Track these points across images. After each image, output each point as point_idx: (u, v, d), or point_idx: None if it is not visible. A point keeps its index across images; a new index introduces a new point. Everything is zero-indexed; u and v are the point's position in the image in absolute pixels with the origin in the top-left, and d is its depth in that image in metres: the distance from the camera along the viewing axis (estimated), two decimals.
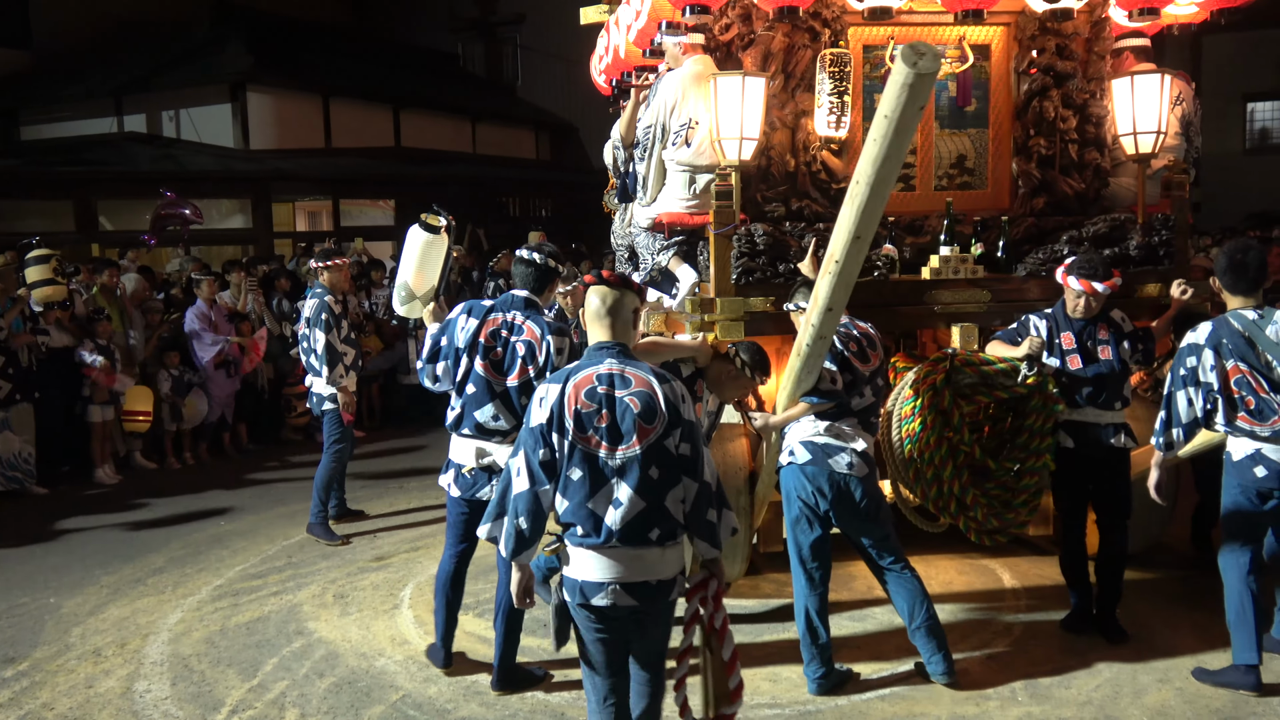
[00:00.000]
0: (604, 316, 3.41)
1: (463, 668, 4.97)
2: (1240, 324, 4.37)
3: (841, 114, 5.75)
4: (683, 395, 3.32)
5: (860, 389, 4.63)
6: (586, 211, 21.14)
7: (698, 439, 3.30)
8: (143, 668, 5.09)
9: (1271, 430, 4.33)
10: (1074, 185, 5.99)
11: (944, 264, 5.61)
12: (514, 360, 4.47)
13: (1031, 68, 5.99)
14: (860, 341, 4.69)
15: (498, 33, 26.73)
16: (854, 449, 4.54)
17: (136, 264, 11.11)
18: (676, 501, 3.26)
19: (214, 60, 18.52)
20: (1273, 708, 4.35)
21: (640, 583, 3.25)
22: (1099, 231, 5.67)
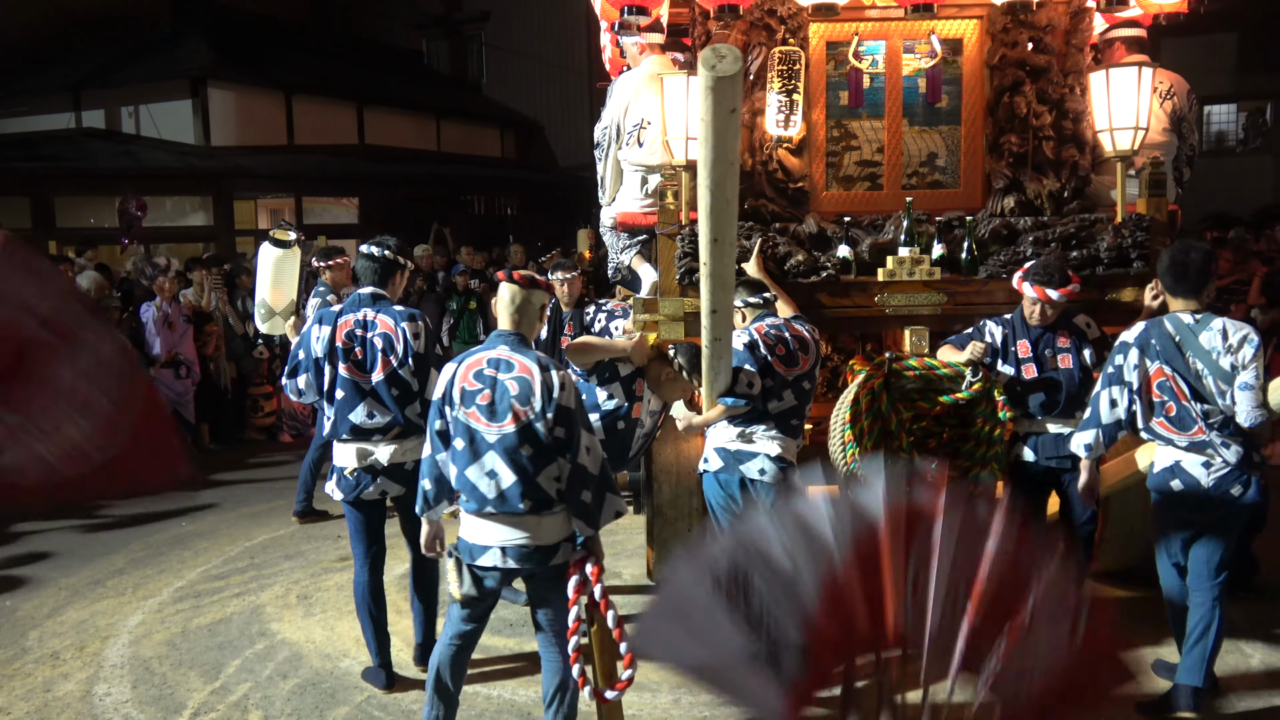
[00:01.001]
0: (508, 309, 3.79)
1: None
2: (1173, 326, 4.16)
3: (790, 113, 5.63)
4: (563, 384, 3.61)
5: (780, 393, 4.56)
6: (552, 210, 21.14)
7: (574, 425, 3.60)
8: (102, 670, 5.02)
9: (1190, 441, 4.13)
10: (1049, 184, 5.73)
11: (898, 265, 5.40)
12: (375, 356, 4.53)
13: (1003, 62, 5.74)
14: (789, 344, 4.63)
15: (463, 30, 26.60)
16: (767, 454, 4.49)
17: (94, 262, 10.96)
18: (550, 479, 3.61)
19: (174, 56, 18.29)
20: (1230, 700, 4.42)
21: (518, 546, 3.65)
22: (1066, 232, 5.41)
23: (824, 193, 5.82)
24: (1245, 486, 4.10)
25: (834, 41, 5.83)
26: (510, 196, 22.62)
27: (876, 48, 5.75)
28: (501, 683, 4.79)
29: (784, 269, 5.36)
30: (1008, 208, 5.68)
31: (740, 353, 4.52)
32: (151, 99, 17.90)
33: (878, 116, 5.79)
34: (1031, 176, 5.68)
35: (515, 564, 3.67)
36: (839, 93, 5.81)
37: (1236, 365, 4.01)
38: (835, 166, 5.82)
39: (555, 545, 3.69)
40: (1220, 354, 4.04)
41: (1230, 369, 4.02)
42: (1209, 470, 4.12)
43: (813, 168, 5.79)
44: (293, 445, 10.15)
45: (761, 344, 4.58)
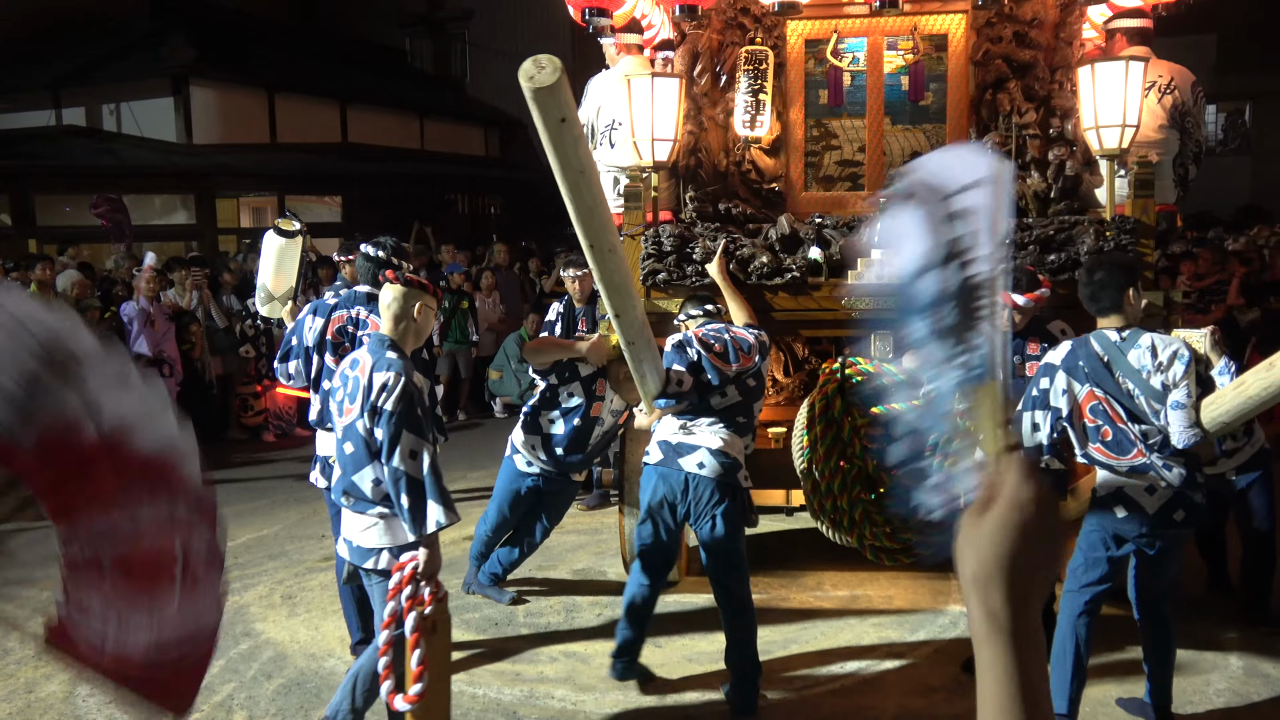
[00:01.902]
0: (384, 310, 3.90)
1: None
2: (1100, 346, 3.95)
3: (756, 113, 5.55)
4: (386, 386, 3.63)
5: (723, 389, 4.52)
6: (535, 209, 21.12)
7: (395, 429, 3.60)
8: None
9: (1130, 465, 3.91)
10: (1034, 184, 5.49)
11: (867, 269, 5.20)
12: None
13: (986, 57, 5.56)
14: (728, 344, 4.58)
15: (446, 28, 26.57)
16: (708, 448, 4.43)
17: (77, 260, 10.90)
18: (368, 480, 3.73)
19: (156, 53, 18.20)
20: (1208, 696, 4.46)
21: (348, 541, 3.86)
22: (1046, 234, 5.18)
23: (803, 193, 5.73)
24: (1189, 510, 3.91)
25: (813, 39, 5.71)
26: (493, 195, 22.60)
27: (858, 45, 5.63)
28: (487, 682, 4.79)
29: (747, 271, 5.28)
30: None
31: (669, 354, 4.52)
32: (133, 97, 17.82)
33: (859, 115, 5.67)
34: (1016, 176, 5.43)
35: (347, 557, 3.91)
36: (819, 91, 5.68)
37: (1168, 384, 3.81)
38: (815, 166, 5.73)
39: (374, 550, 3.80)
40: (1150, 372, 3.84)
41: (1161, 388, 3.82)
42: (1153, 495, 3.90)
43: (791, 168, 5.72)
44: (276, 445, 10.12)
45: (694, 342, 4.54)
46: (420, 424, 3.65)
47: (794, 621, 5.37)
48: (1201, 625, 5.13)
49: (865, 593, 5.66)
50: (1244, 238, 14.17)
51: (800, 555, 5.18)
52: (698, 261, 5.33)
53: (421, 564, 3.63)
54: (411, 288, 3.88)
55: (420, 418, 3.66)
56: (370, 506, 3.77)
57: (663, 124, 5.34)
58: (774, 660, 4.92)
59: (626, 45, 5.94)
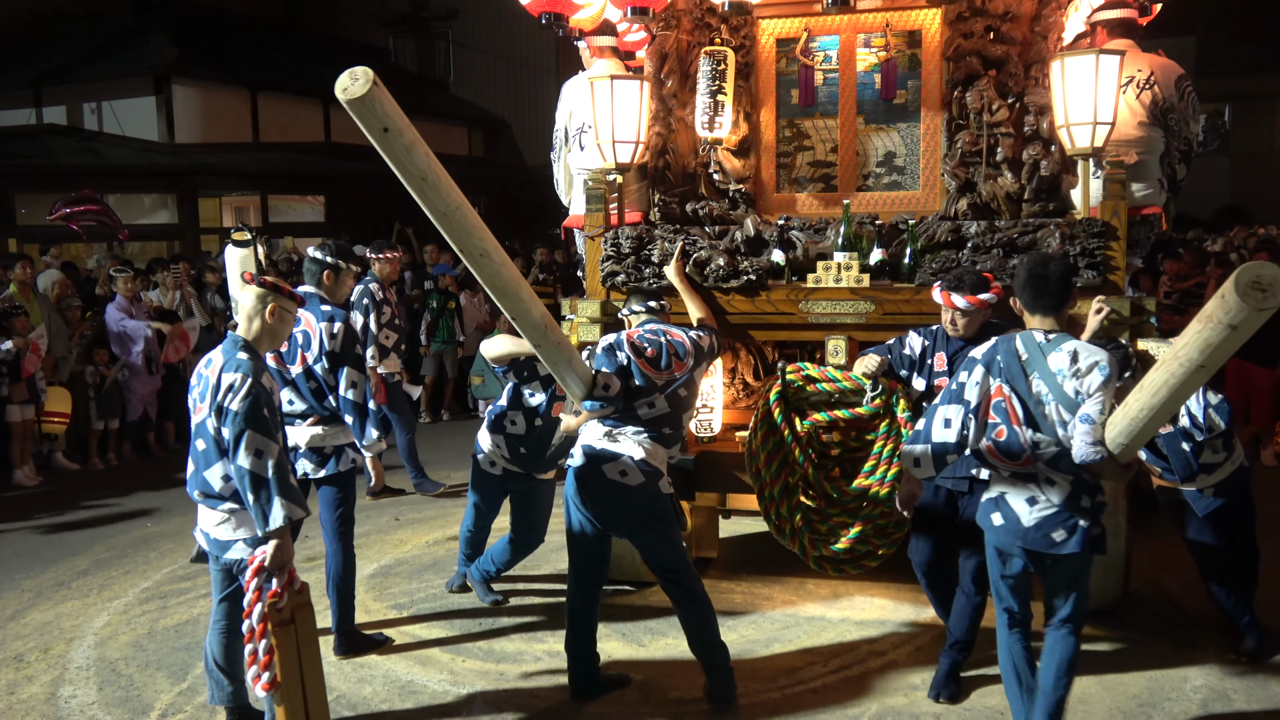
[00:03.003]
0: (240, 312, 4.04)
1: (397, 668, 4.96)
2: (1024, 344, 3.76)
3: (715, 114, 5.49)
4: (230, 386, 3.79)
5: (649, 397, 4.42)
6: (520, 208, 21.09)
7: (240, 428, 3.75)
8: (67, 673, 4.99)
9: (1013, 470, 3.76)
10: (1005, 185, 5.27)
11: (825, 271, 5.11)
12: (294, 349, 4.97)
13: (957, 53, 5.36)
14: (662, 348, 4.50)
15: (430, 28, 26.51)
16: (630, 457, 4.36)
17: (60, 260, 10.84)
18: (218, 476, 3.88)
19: (137, 52, 18.11)
20: (1185, 693, 4.51)
21: (205, 533, 4.04)
22: (1009, 237, 4.94)
23: (775, 194, 5.67)
24: (1070, 532, 3.67)
25: (785, 38, 5.63)
26: (477, 195, 22.42)
27: (830, 43, 5.54)
28: (471, 681, 4.80)
29: (703, 273, 5.25)
30: (960, 210, 5.26)
31: (599, 356, 4.50)
32: (114, 95, 17.72)
33: (832, 115, 5.59)
34: (987, 176, 5.26)
35: (207, 549, 4.08)
36: (791, 91, 5.61)
37: (1081, 391, 3.61)
38: (787, 167, 5.66)
39: (226, 543, 3.97)
40: (1066, 377, 3.64)
41: (1074, 395, 3.62)
42: (1032, 507, 3.73)
43: (762, 169, 5.67)
44: None
45: (625, 346, 4.47)
46: (266, 423, 3.79)
47: (777, 621, 5.40)
48: (1175, 629, 5.18)
49: (847, 593, 5.69)
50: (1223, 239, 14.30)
51: (783, 556, 5.20)
52: (656, 263, 5.32)
53: (269, 557, 3.78)
54: (265, 290, 4.01)
55: (266, 417, 3.79)
56: (221, 502, 3.93)
57: (624, 126, 5.33)
58: (756, 659, 4.95)
59: (599, 48, 5.93)
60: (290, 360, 4.97)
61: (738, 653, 5.01)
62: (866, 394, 4.71)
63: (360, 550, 6.77)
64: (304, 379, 4.95)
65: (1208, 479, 4.68)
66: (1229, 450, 4.66)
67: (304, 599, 3.90)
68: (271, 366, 4.83)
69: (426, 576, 6.23)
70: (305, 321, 4.97)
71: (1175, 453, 4.59)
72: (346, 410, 4.95)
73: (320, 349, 4.93)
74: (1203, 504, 4.76)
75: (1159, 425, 3.51)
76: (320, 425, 4.97)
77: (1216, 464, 4.65)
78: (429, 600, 5.84)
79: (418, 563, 6.53)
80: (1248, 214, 18.79)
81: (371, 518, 7.57)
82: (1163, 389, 3.28)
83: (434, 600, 5.83)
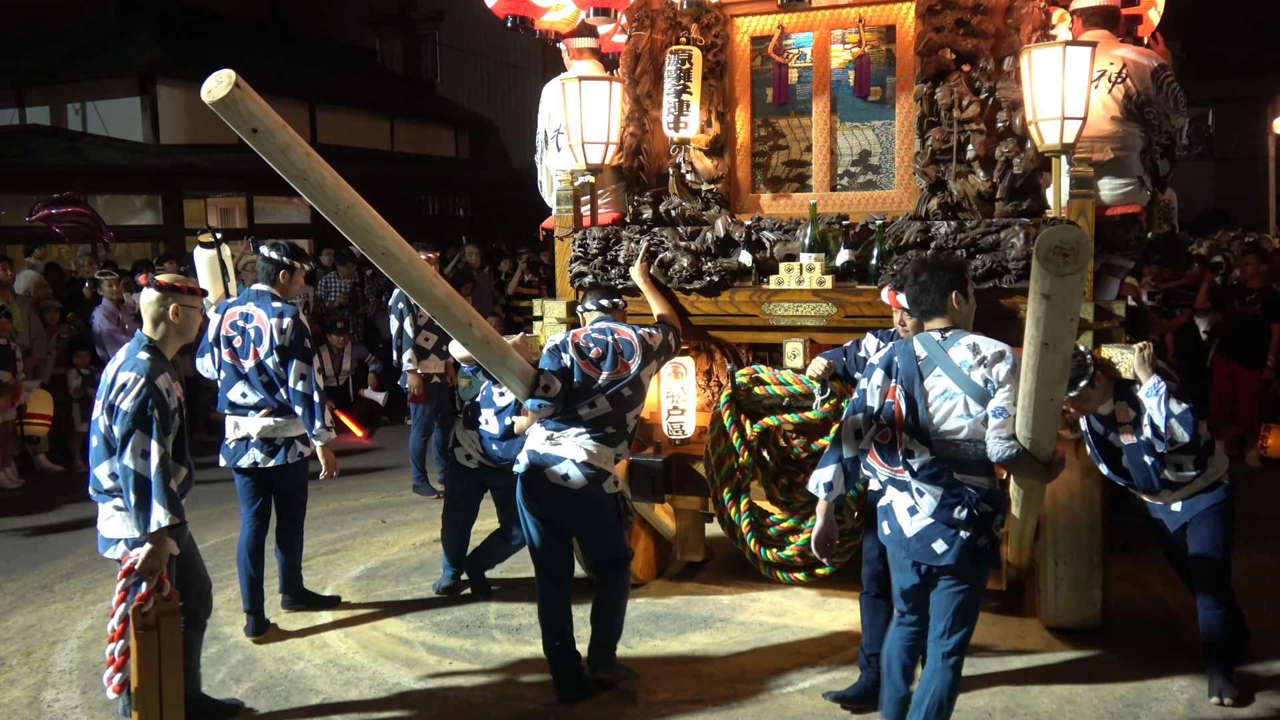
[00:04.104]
0: (143, 314, 4.11)
1: (384, 670, 4.93)
2: (922, 345, 3.69)
3: (680, 114, 5.41)
4: (121, 385, 3.88)
5: (591, 398, 4.45)
6: (507, 210, 21.08)
7: (127, 427, 3.83)
8: (50, 676, 4.95)
9: (889, 477, 3.71)
10: (975, 184, 5.05)
11: (787, 273, 5.01)
12: (247, 345, 5.24)
13: (928, 48, 5.15)
14: (607, 348, 4.52)
15: (417, 29, 26.45)
16: (573, 460, 4.39)
17: (44, 262, 10.77)
18: (105, 473, 3.98)
19: (122, 52, 18.00)
20: (1172, 693, 4.53)
21: (97, 529, 4.10)
22: (971, 238, 4.74)
23: (750, 194, 5.61)
24: (949, 543, 3.56)
25: (759, 36, 5.54)
26: (463, 197, 22.52)
27: (805, 40, 5.44)
28: (458, 683, 4.78)
29: (667, 275, 5.22)
30: (931, 210, 5.09)
31: (544, 355, 4.53)
32: (99, 96, 17.61)
33: (807, 113, 5.48)
34: (958, 174, 5.06)
35: (98, 543, 4.15)
36: (767, 89, 5.53)
37: (990, 380, 3.52)
38: (763, 167, 5.59)
39: (114, 540, 4.05)
40: (972, 367, 3.55)
41: (984, 384, 3.53)
42: (913, 517, 3.65)
43: (737, 168, 5.61)
44: None
45: (569, 347, 4.50)
46: (153, 425, 3.84)
47: (764, 623, 5.39)
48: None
49: (836, 596, 5.69)
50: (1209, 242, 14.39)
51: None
52: (622, 264, 5.32)
53: (140, 560, 3.82)
54: (164, 291, 4.06)
55: (155, 419, 3.84)
56: (109, 498, 4.01)
57: (593, 127, 5.33)
58: (744, 660, 4.94)
59: (578, 50, 5.91)
60: (244, 355, 5.23)
61: (726, 654, 5.01)
62: (816, 398, 4.67)
63: (346, 553, 6.76)
64: (256, 373, 5.22)
65: (1174, 494, 4.43)
66: (1200, 466, 4.35)
67: (172, 606, 3.89)
68: (225, 360, 5.25)
69: (413, 579, 6.21)
70: (257, 318, 5.25)
71: (1137, 465, 4.36)
72: (296, 402, 5.19)
73: (271, 344, 5.18)
74: (1173, 519, 4.52)
75: (1050, 413, 3.36)
76: (271, 417, 5.25)
77: (1185, 479, 4.36)
78: (416, 602, 5.82)
79: (404, 565, 6.50)
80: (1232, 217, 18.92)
81: (358, 520, 7.54)
82: (1029, 373, 3.22)
83: (421, 602, 5.81)
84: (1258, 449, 8.58)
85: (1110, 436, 4.42)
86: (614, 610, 4.63)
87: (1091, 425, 4.47)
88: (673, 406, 5.28)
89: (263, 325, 5.22)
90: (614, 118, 5.37)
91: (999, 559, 3.70)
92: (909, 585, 3.75)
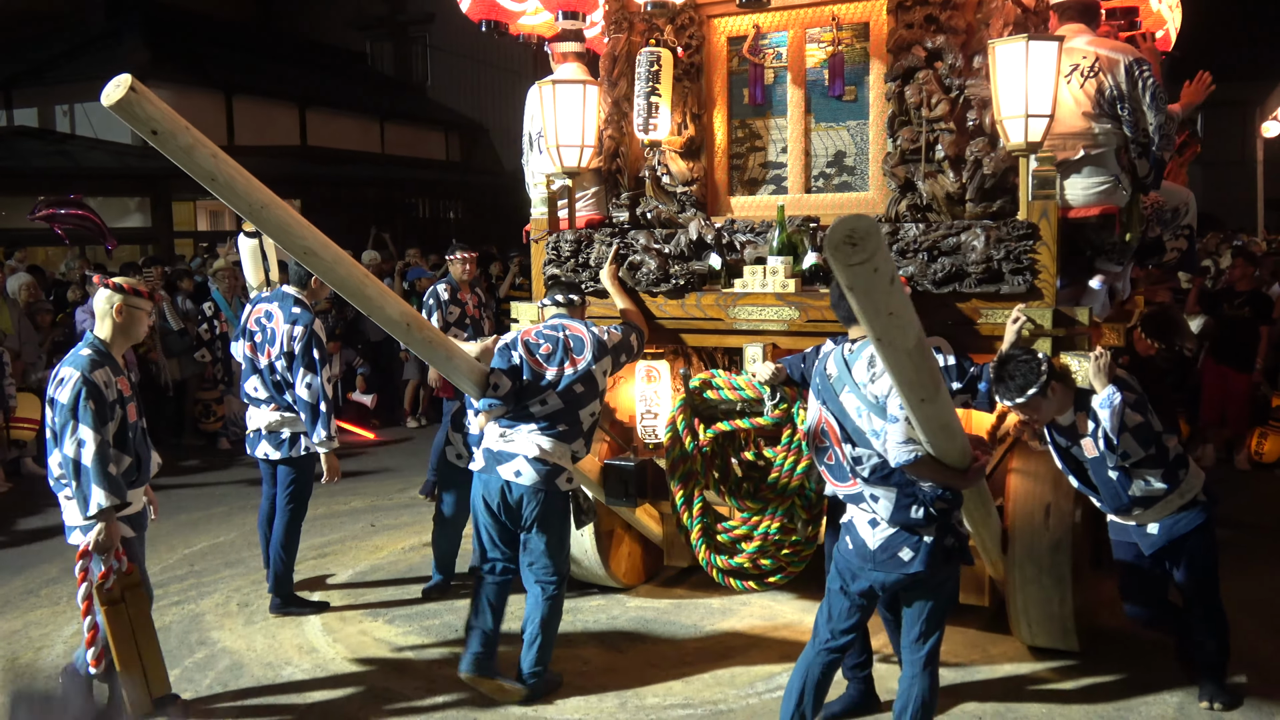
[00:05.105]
0: (95, 312, 4.30)
1: (372, 675, 4.91)
2: (833, 362, 3.65)
3: (649, 116, 5.37)
4: (63, 379, 4.07)
5: (541, 395, 4.47)
6: (498, 213, 21.05)
7: (64, 419, 4.03)
8: (36, 682, 4.91)
9: (845, 493, 3.66)
10: (944, 185, 4.90)
11: (752, 277, 4.93)
12: (263, 343, 5.49)
13: (898, 45, 4.98)
14: (558, 344, 4.54)
15: (407, 31, 26.42)
16: (525, 455, 4.42)
17: (26, 264, 10.71)
18: (55, 462, 4.15)
19: (110, 54, 17.92)
20: (1162, 697, 4.53)
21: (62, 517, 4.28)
22: (932, 240, 4.60)
23: (727, 196, 5.56)
24: (915, 550, 3.53)
25: (736, 37, 5.47)
26: (454, 199, 22.50)
27: (781, 39, 5.36)
28: (447, 689, 4.76)
29: (636, 277, 5.21)
30: (901, 212, 4.96)
31: (496, 355, 4.56)
32: (87, 98, 17.53)
33: (784, 114, 5.40)
34: (927, 175, 4.90)
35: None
36: (744, 90, 5.47)
37: (879, 395, 3.49)
38: (740, 169, 5.52)
39: (72, 527, 4.21)
40: (867, 384, 3.54)
41: (875, 399, 3.50)
42: (875, 529, 3.60)
43: (716, 170, 5.56)
44: (230, 451, 9.98)
45: (519, 344, 4.53)
46: (87, 414, 4.03)
47: (756, 626, 5.38)
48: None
49: None
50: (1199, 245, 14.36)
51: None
52: (594, 266, 5.32)
53: (91, 541, 4.06)
54: (112, 290, 4.23)
55: (91, 410, 4.03)
56: (61, 487, 4.18)
57: (568, 130, 5.33)
58: (733, 664, 4.93)
59: (562, 53, 5.90)
60: (260, 352, 5.49)
61: (715, 657, 5.00)
62: (767, 403, 4.63)
63: (335, 556, 6.74)
64: (268, 371, 5.45)
65: (1146, 512, 4.22)
66: (1171, 483, 4.16)
67: (134, 579, 4.18)
68: (246, 353, 5.52)
69: (402, 584, 6.18)
70: (276, 319, 5.44)
71: (1102, 481, 4.17)
72: (300, 408, 5.38)
73: (281, 348, 5.38)
74: (1148, 541, 4.29)
75: (929, 415, 3.25)
76: (279, 412, 5.50)
77: (1155, 496, 4.17)
78: (405, 606, 5.79)
79: (394, 569, 6.48)
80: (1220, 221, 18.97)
81: (346, 524, 7.51)
82: (889, 374, 3.16)
83: (410, 606, 5.79)
84: (1248, 452, 8.61)
85: (1074, 450, 4.23)
86: (539, 630, 4.57)
87: (1053, 437, 4.29)
88: (646, 410, 5.30)
89: (278, 328, 5.42)
90: (589, 121, 5.36)
91: (969, 555, 3.69)
92: (856, 591, 3.70)
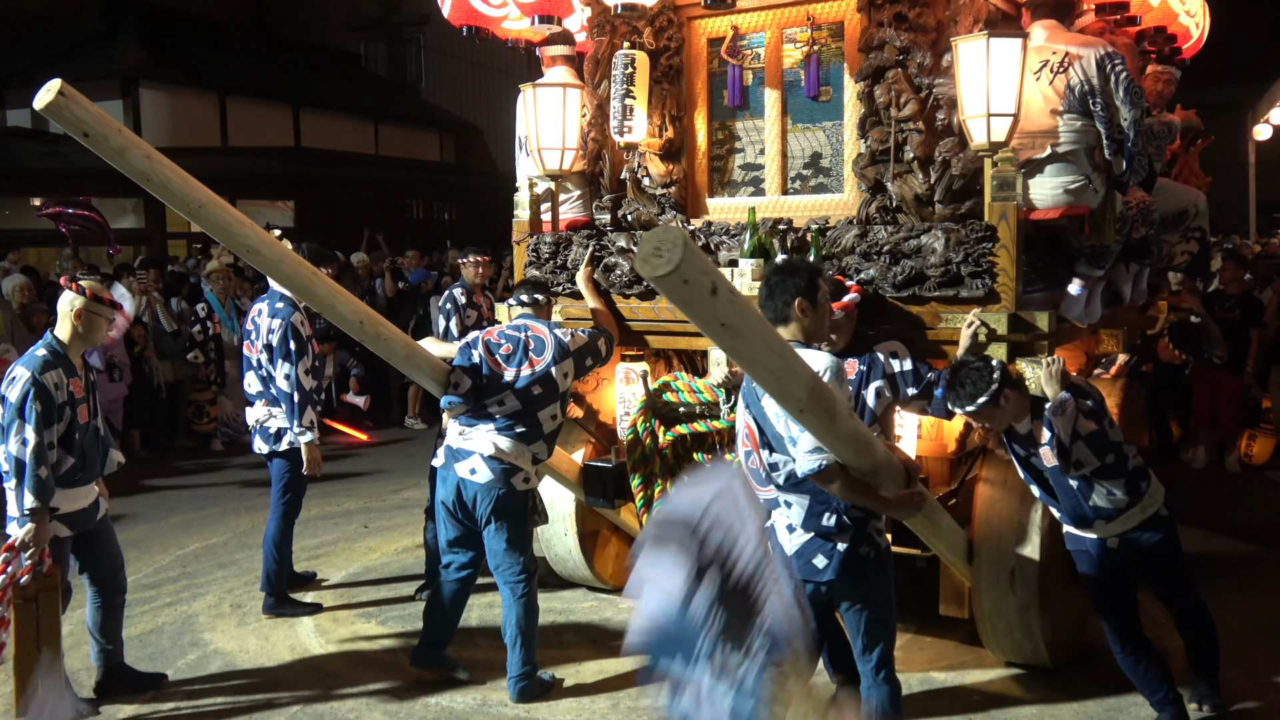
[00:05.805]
0: (59, 313, 4.39)
1: (365, 676, 4.91)
2: None
3: (624, 118, 5.37)
4: (14, 379, 4.19)
5: (500, 395, 4.51)
6: (491, 214, 21.04)
7: (7, 416, 4.17)
8: None
9: (766, 499, 3.56)
10: (913, 186, 4.79)
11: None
12: (253, 339, 5.69)
13: (869, 44, 4.88)
14: (519, 344, 4.56)
15: (401, 33, 26.41)
16: (481, 454, 4.47)
17: (18, 265, 10.69)
18: (1, 458, 4.24)
19: (104, 54, 17.93)
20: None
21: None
22: (895, 242, 4.52)
23: (708, 199, 5.55)
24: (828, 557, 3.48)
25: (715, 38, 5.46)
26: (448, 201, 22.48)
27: (759, 40, 5.33)
28: (439, 690, 4.76)
29: (609, 279, 5.23)
30: (871, 214, 4.87)
31: (458, 354, 4.62)
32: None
33: (762, 115, 5.38)
34: (896, 176, 4.80)
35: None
36: (721, 92, 5.46)
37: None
38: (720, 171, 5.53)
39: (11, 518, 4.25)
40: None
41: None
42: (791, 535, 3.56)
43: (696, 172, 5.57)
44: (224, 453, 9.98)
45: (479, 344, 4.57)
46: (32, 414, 4.15)
47: None
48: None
49: None
50: None
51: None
52: (571, 269, 5.35)
53: (19, 537, 4.14)
54: (74, 295, 4.34)
55: (36, 410, 4.15)
56: (9, 478, 4.26)
57: (549, 133, 5.36)
58: None
59: (551, 57, 5.91)
60: (251, 348, 5.72)
61: None
62: (723, 406, 4.60)
63: (328, 558, 6.73)
64: (255, 366, 5.67)
65: (1108, 525, 4.06)
66: (1133, 494, 4.02)
67: (51, 583, 4.23)
68: (244, 352, 5.75)
69: (395, 585, 6.18)
70: (264, 315, 5.64)
71: (1063, 490, 4.04)
72: (280, 399, 5.57)
73: (265, 343, 5.59)
74: (1109, 556, 4.13)
75: (813, 425, 3.19)
76: (268, 406, 5.67)
77: (1117, 508, 4.02)
78: (398, 608, 5.79)
79: (386, 570, 6.48)
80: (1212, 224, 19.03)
81: (339, 525, 7.51)
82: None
83: (403, 608, 5.79)
84: (1239, 455, 8.64)
85: (1033, 459, 4.09)
86: (518, 631, 4.59)
87: (1012, 446, 4.16)
88: (625, 411, 5.31)
89: (264, 325, 5.62)
90: (570, 124, 5.39)
91: (889, 567, 3.63)
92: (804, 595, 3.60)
